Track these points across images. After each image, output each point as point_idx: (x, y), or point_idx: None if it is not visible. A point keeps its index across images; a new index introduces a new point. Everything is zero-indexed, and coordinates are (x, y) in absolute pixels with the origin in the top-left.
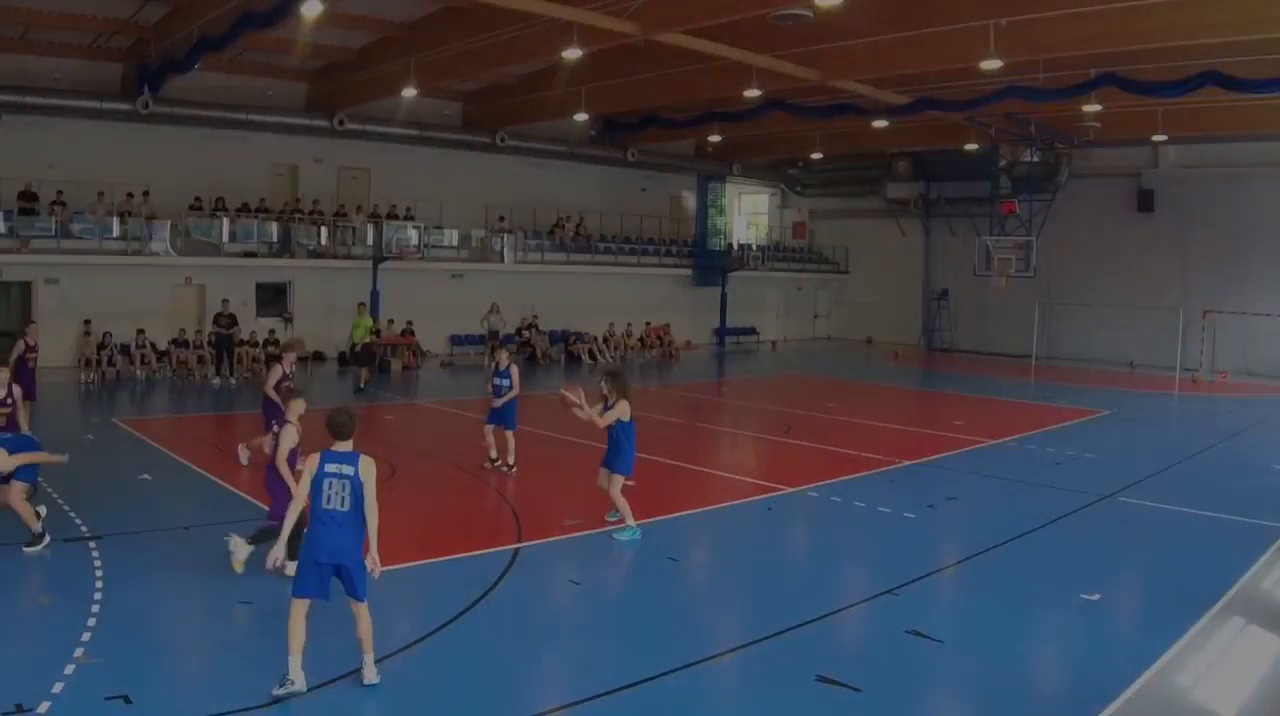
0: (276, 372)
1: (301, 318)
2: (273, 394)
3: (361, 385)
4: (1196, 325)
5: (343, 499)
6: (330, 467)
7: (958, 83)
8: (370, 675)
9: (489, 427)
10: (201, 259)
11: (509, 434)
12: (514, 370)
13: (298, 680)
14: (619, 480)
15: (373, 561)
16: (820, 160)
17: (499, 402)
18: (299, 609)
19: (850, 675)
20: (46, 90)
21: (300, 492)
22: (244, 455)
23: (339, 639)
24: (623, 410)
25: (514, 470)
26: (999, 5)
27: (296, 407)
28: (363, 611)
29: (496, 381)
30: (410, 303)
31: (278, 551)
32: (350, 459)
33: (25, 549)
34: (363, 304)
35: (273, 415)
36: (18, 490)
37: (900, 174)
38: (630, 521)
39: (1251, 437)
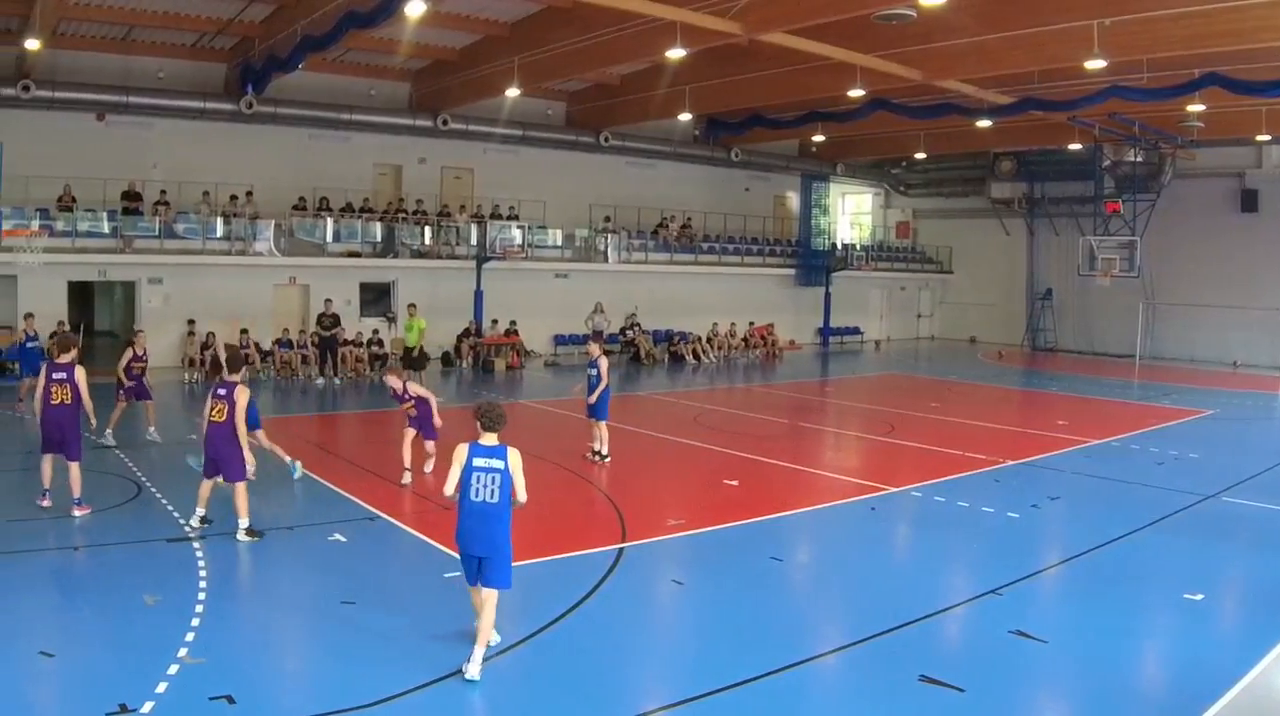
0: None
1: (405, 318)
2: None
3: None
4: None
5: (491, 491)
6: (479, 462)
7: (1061, 82)
8: (474, 670)
9: (591, 422)
10: (305, 259)
11: (601, 425)
12: (602, 362)
13: (494, 637)
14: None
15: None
16: (924, 160)
17: (592, 398)
18: (475, 593)
19: (954, 675)
20: (150, 90)
21: (451, 484)
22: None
23: (445, 640)
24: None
25: (607, 459)
26: (1102, 5)
27: None
28: (492, 601)
29: (588, 371)
30: (514, 302)
31: None
32: (499, 452)
33: (247, 537)
34: (413, 305)
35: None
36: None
37: (1004, 173)
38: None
39: None
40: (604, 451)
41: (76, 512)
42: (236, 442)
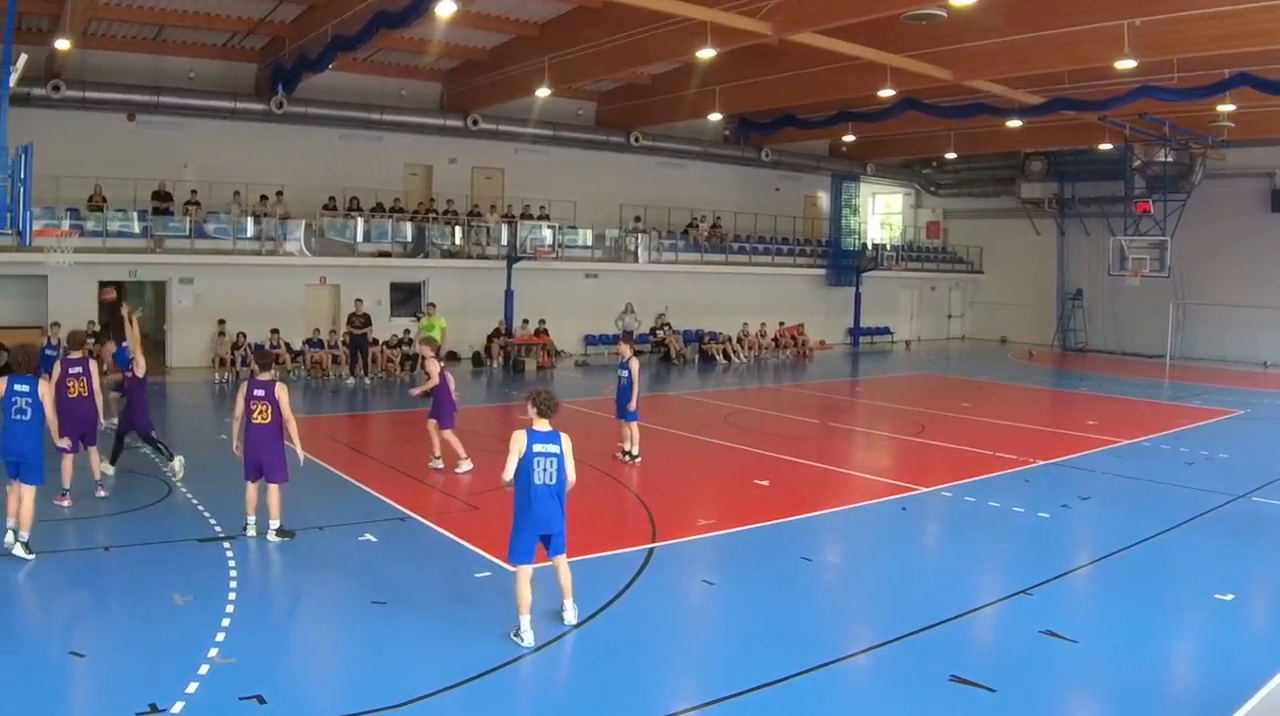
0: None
1: (424, 318)
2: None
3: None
4: None
5: (551, 474)
6: (538, 447)
7: (1092, 83)
8: (571, 616)
9: (621, 422)
10: (336, 259)
11: (633, 425)
12: (633, 363)
13: (527, 637)
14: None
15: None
16: (954, 160)
17: (632, 405)
18: (524, 575)
19: (984, 675)
20: (181, 90)
21: (510, 470)
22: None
23: (476, 640)
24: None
25: (637, 459)
26: (1133, 5)
27: None
28: (564, 564)
29: (619, 372)
30: (544, 302)
31: None
32: (554, 438)
33: (278, 537)
34: (432, 304)
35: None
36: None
37: (1034, 173)
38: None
39: None
40: (634, 451)
41: (101, 494)
42: (281, 443)
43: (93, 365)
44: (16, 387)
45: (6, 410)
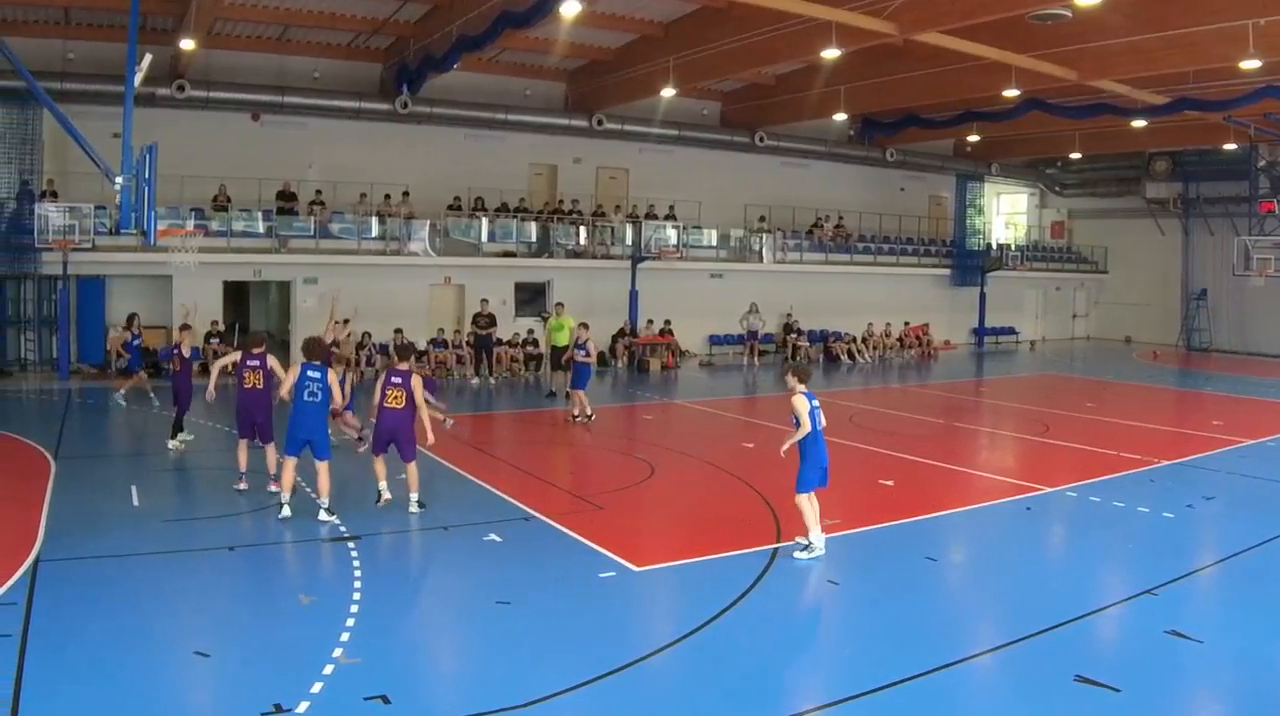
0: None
1: (553, 318)
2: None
3: (567, 391)
4: None
5: (821, 419)
6: (816, 403)
7: (1216, 82)
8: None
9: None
10: (460, 259)
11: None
12: (590, 346)
13: (818, 542)
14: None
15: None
16: (1078, 160)
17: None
18: (810, 499)
19: (1109, 675)
20: (305, 90)
21: (806, 425)
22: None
23: (599, 640)
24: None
25: (591, 419)
26: (1257, 5)
27: None
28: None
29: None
30: (669, 302)
31: None
32: (814, 395)
33: (419, 509)
34: (560, 303)
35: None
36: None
37: (1158, 173)
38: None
39: None
40: (589, 413)
41: (273, 487)
42: (412, 427)
43: (272, 360)
44: (309, 373)
45: (299, 393)
